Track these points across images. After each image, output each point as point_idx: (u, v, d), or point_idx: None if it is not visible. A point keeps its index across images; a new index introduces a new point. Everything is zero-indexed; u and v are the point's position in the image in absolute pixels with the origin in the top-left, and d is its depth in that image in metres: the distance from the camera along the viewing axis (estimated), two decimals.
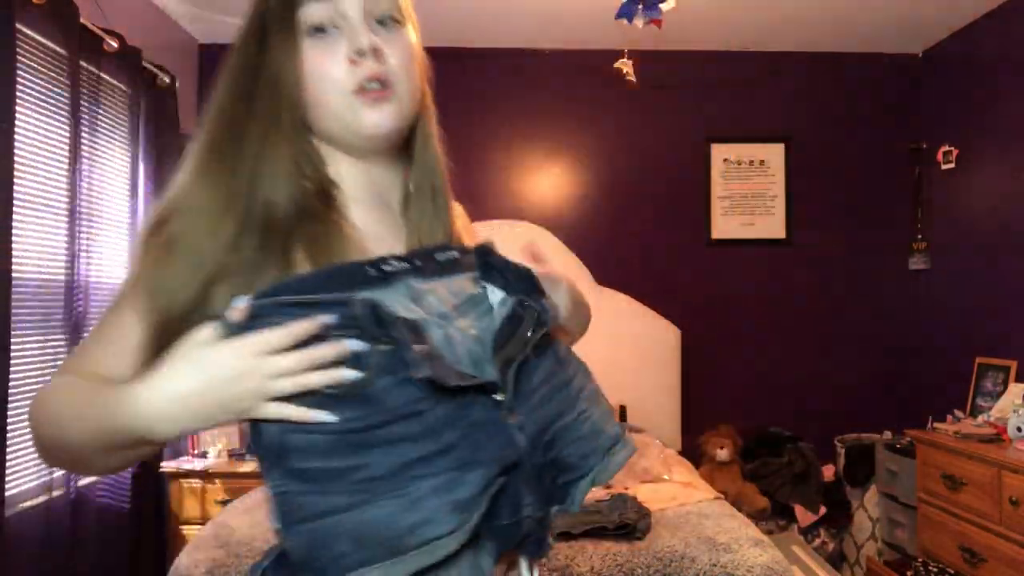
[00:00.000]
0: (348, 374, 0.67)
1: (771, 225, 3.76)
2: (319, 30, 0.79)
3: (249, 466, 3.20)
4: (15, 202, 2.16)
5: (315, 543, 0.66)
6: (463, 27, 3.48)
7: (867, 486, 3.36)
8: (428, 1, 3.18)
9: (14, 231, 2.14)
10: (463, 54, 3.71)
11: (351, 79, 0.79)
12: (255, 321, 0.67)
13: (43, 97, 2.36)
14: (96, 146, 2.66)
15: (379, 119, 0.80)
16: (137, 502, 2.86)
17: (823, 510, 3.31)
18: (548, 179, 3.79)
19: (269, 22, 0.80)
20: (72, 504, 2.40)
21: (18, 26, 2.14)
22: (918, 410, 3.65)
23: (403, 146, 0.89)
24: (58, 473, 2.35)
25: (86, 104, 2.57)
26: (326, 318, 0.67)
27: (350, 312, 0.68)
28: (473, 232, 1.02)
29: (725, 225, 3.76)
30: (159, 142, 3.05)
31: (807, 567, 2.83)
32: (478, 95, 3.73)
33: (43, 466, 2.32)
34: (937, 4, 3.19)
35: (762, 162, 3.77)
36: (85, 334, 2.59)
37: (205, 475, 3.11)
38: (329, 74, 0.79)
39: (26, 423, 2.33)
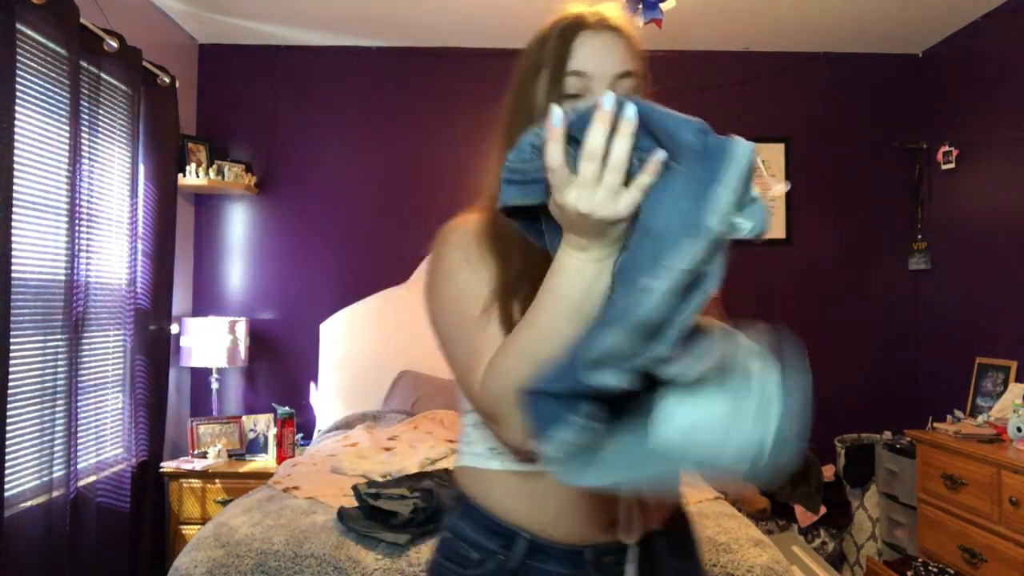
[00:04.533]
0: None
1: (771, 225, 3.75)
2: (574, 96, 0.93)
3: (249, 466, 3.20)
4: (15, 202, 2.16)
5: None
6: (463, 27, 3.48)
7: (867, 486, 3.36)
8: (429, 1, 3.18)
9: (14, 231, 2.13)
10: (463, 54, 3.71)
11: None
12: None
13: (43, 97, 2.36)
14: (96, 146, 2.66)
15: None
16: (137, 502, 2.86)
17: (823, 510, 3.31)
18: None
19: (539, 84, 0.96)
20: (72, 504, 2.40)
21: (18, 26, 2.14)
22: (918, 410, 3.65)
23: None
24: (58, 473, 2.35)
25: (86, 104, 2.57)
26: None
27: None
28: None
29: None
30: (159, 142, 3.05)
31: (807, 567, 2.83)
32: (478, 95, 3.72)
33: (43, 466, 2.31)
34: (937, 4, 3.19)
35: (762, 162, 3.76)
36: (85, 334, 2.59)
37: (205, 475, 3.11)
38: None
39: (26, 423, 2.33)
